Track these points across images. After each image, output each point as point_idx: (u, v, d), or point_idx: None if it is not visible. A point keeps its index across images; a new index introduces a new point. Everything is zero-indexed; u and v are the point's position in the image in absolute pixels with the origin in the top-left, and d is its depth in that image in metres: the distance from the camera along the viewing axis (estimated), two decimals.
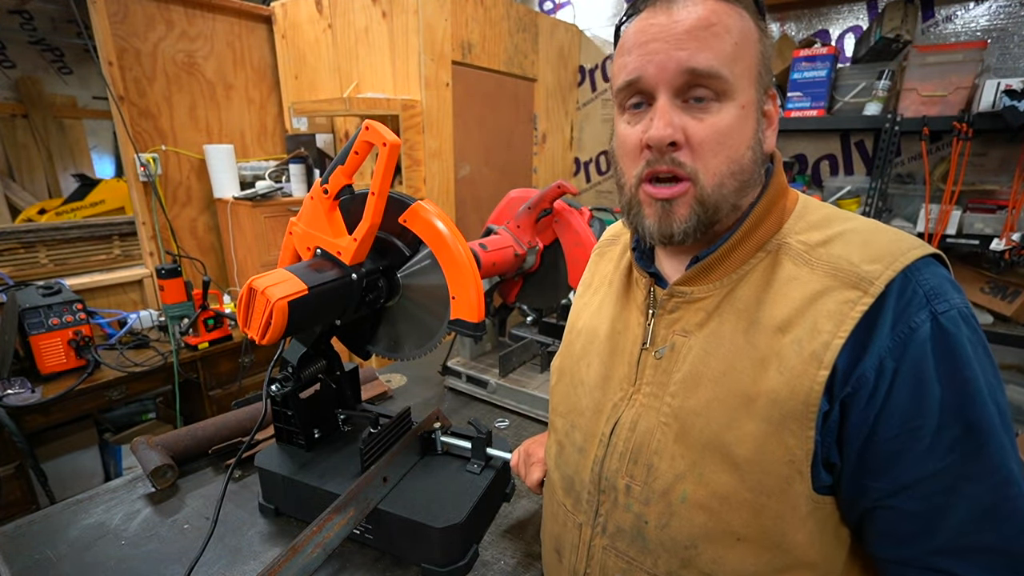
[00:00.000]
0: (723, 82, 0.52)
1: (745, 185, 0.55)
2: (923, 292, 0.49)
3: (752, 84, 0.54)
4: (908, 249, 0.51)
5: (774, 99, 0.58)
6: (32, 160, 3.73)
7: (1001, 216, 2.03)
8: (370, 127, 0.84)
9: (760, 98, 0.55)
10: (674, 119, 0.52)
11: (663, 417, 0.58)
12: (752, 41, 0.54)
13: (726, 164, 0.53)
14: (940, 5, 2.21)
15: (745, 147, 0.54)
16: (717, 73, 0.51)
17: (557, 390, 0.76)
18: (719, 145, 0.53)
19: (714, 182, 0.54)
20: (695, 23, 0.51)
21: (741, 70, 0.53)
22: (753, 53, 0.54)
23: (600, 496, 0.63)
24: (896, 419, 0.48)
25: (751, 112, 0.54)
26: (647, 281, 0.64)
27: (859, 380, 0.48)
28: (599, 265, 0.79)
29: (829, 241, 0.54)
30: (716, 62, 0.51)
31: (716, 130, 0.52)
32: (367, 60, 2.34)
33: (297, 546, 0.73)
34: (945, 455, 0.47)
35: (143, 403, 2.58)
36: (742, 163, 0.54)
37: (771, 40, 0.57)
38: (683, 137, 0.53)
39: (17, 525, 0.95)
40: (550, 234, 1.42)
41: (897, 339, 0.48)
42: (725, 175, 0.54)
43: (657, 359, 0.60)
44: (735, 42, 0.52)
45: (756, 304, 0.55)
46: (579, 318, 0.76)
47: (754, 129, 0.55)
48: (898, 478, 0.49)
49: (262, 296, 0.79)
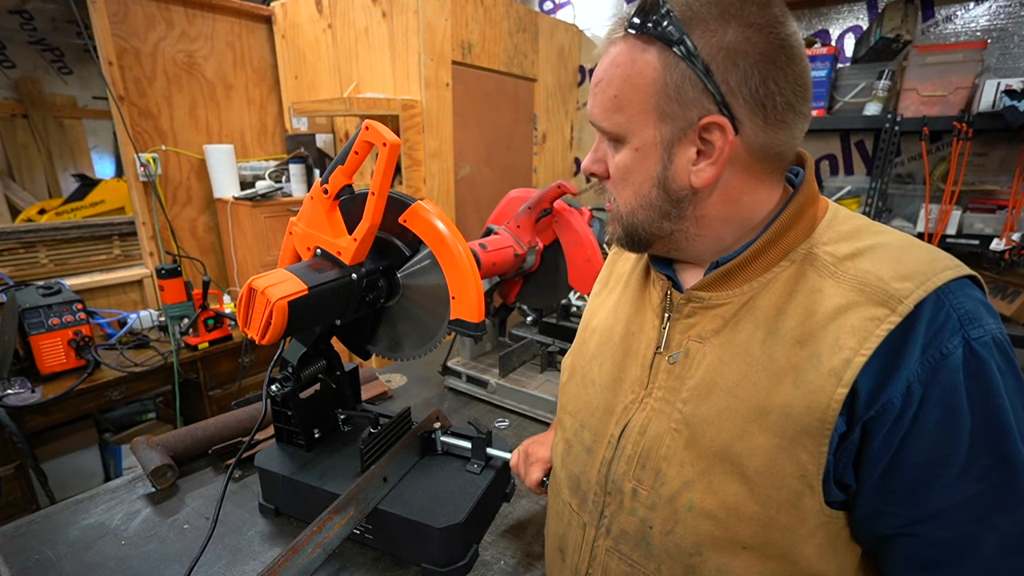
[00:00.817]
0: (608, 132, 0.57)
1: (662, 216, 0.57)
2: (957, 316, 0.47)
3: (649, 125, 0.53)
4: (942, 269, 0.48)
5: (724, 129, 0.50)
6: (32, 160, 3.73)
7: (1001, 216, 2.03)
8: (370, 127, 0.84)
9: (669, 134, 0.53)
10: (599, 155, 0.60)
11: (674, 423, 0.57)
12: (644, 82, 0.52)
13: (632, 197, 0.58)
14: (940, 5, 2.21)
15: (649, 185, 0.56)
16: (599, 125, 0.57)
17: (568, 388, 0.75)
18: (622, 181, 0.58)
19: (626, 210, 0.59)
20: (595, 78, 0.57)
21: (627, 118, 0.54)
22: (643, 95, 0.52)
23: (606, 498, 0.63)
24: (924, 446, 0.47)
25: (649, 152, 0.54)
26: (664, 284, 0.63)
27: (885, 405, 0.47)
28: (617, 264, 0.78)
29: (858, 254, 0.52)
30: (598, 115, 0.57)
31: (616, 168, 0.58)
32: (367, 60, 2.34)
33: (297, 546, 0.73)
34: (974, 484, 0.46)
35: (143, 403, 2.58)
36: (648, 198, 0.57)
37: (704, 61, 0.49)
38: (604, 170, 0.60)
39: (17, 525, 0.95)
40: (550, 234, 1.42)
41: (927, 364, 0.46)
42: (634, 206, 0.58)
43: (671, 364, 0.60)
44: (613, 95, 0.54)
45: (776, 314, 0.53)
46: (594, 316, 0.75)
47: (653, 170, 0.55)
48: (924, 505, 0.48)
49: (262, 296, 0.79)
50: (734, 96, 0.49)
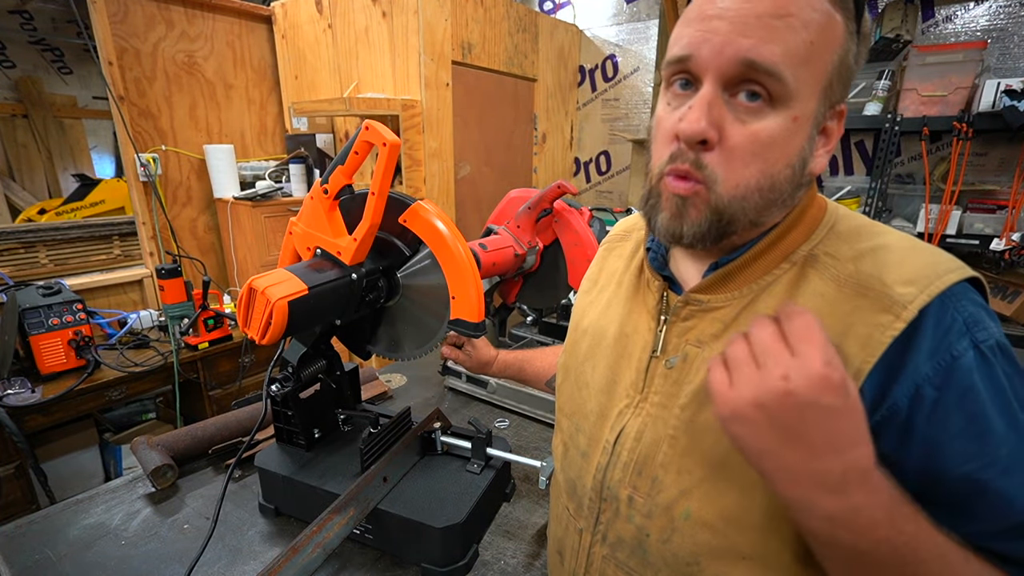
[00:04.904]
0: (782, 85, 0.45)
1: (772, 203, 0.50)
2: (962, 320, 0.46)
3: (815, 95, 0.48)
4: (945, 272, 0.47)
5: (841, 116, 0.50)
6: (32, 160, 3.73)
7: (1001, 216, 2.03)
8: (370, 127, 0.84)
9: (821, 112, 0.49)
10: (713, 114, 0.47)
11: (671, 429, 0.55)
12: (833, 45, 0.47)
13: (756, 177, 0.48)
14: (940, 5, 2.21)
15: (784, 164, 0.48)
16: (778, 73, 0.45)
17: (563, 390, 0.74)
18: (754, 156, 0.47)
19: (736, 193, 0.48)
20: (770, 7, 0.44)
21: (807, 76, 0.46)
22: (828, 59, 0.47)
23: (601, 504, 0.61)
24: (957, 457, 0.45)
25: (804, 126, 0.48)
26: (660, 285, 0.60)
27: (891, 408, 0.46)
28: (607, 261, 0.74)
29: (860, 257, 0.50)
30: (780, 60, 0.44)
31: (756, 138, 0.47)
32: (367, 60, 2.34)
33: (297, 546, 0.73)
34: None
35: (143, 403, 2.58)
36: (775, 180, 0.49)
37: (863, 47, 0.49)
38: (716, 136, 0.47)
39: (17, 525, 0.95)
40: (550, 234, 1.42)
41: (938, 366, 0.45)
42: (752, 188, 0.48)
43: (668, 368, 0.57)
44: (810, 41, 0.45)
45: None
46: (584, 316, 0.72)
47: (801, 146, 0.49)
48: (1001, 519, 0.44)
49: (262, 296, 0.79)
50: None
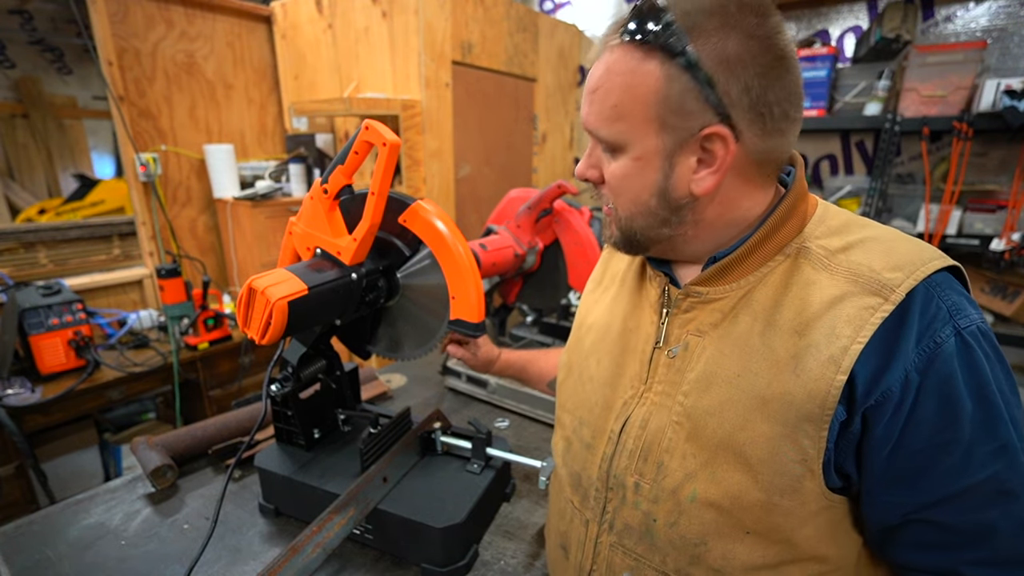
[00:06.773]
0: (606, 141, 0.56)
1: (662, 222, 0.57)
2: (946, 307, 0.49)
3: (649, 134, 0.52)
4: (929, 259, 0.51)
5: (721, 138, 0.51)
6: (32, 160, 3.73)
7: (1001, 216, 2.03)
8: (370, 127, 0.84)
9: (670, 145, 0.52)
10: (591, 160, 0.60)
11: (675, 416, 0.58)
12: (643, 93, 0.51)
13: (630, 205, 0.58)
14: (940, 5, 2.21)
15: (648, 194, 0.56)
16: (597, 133, 0.56)
17: (565, 386, 0.76)
18: (620, 189, 0.57)
19: (624, 215, 0.59)
20: (590, 86, 0.56)
21: (624, 127, 0.53)
22: (643, 106, 0.51)
23: (608, 493, 0.64)
24: (924, 432, 0.48)
25: (650, 162, 0.54)
26: (661, 280, 0.64)
27: (885, 394, 0.48)
28: (611, 261, 0.79)
29: (849, 248, 0.54)
30: (595, 123, 0.56)
31: (613, 176, 0.57)
32: (367, 60, 2.34)
33: (297, 546, 0.73)
34: (981, 469, 0.48)
35: (143, 403, 2.58)
36: (647, 206, 0.56)
37: (706, 73, 0.49)
38: (597, 175, 0.59)
39: (17, 525, 0.95)
40: (550, 234, 1.42)
41: (923, 353, 0.48)
42: (633, 213, 0.58)
43: (670, 358, 0.60)
44: (613, 104, 0.53)
45: (773, 307, 0.55)
46: (589, 314, 0.76)
47: (654, 179, 0.54)
48: (931, 491, 0.49)
49: (262, 296, 0.79)
50: (735, 107, 0.50)
